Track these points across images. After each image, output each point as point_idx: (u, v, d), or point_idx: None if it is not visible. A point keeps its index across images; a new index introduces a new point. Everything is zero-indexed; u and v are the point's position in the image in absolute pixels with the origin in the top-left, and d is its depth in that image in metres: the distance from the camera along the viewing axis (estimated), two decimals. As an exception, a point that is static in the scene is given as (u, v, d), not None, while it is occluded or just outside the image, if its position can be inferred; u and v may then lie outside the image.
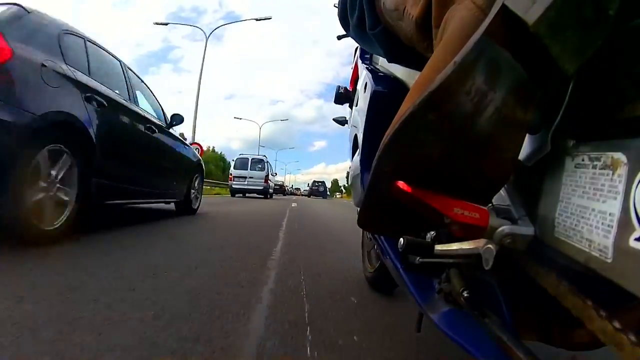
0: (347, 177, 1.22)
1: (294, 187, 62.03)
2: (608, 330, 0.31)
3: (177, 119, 3.39)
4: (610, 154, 0.33)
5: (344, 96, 1.63)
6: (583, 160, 0.37)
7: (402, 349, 0.88)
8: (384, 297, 1.32)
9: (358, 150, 1.12)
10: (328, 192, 39.76)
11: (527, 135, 0.44)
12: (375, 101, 1.03)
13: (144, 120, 2.69)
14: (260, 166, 12.78)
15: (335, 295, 1.28)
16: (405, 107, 0.40)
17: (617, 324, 0.30)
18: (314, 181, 36.65)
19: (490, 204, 0.47)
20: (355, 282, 1.50)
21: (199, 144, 10.23)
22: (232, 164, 13.20)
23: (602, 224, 0.33)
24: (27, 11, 1.73)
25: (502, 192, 0.47)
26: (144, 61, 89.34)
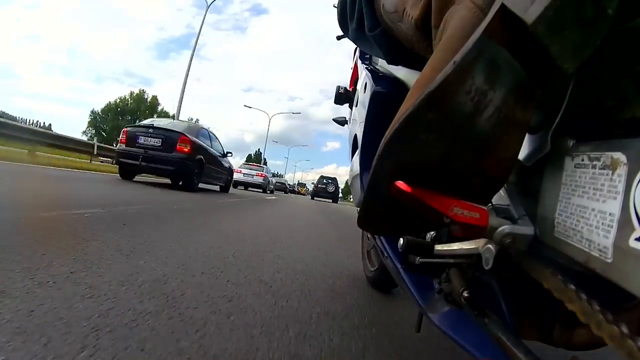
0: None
1: (297, 184, 49.36)
2: (608, 329, 0.30)
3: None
4: (609, 153, 0.33)
5: (344, 96, 1.63)
6: (583, 160, 0.37)
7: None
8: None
9: (358, 150, 1.12)
10: (340, 194, 24.95)
11: (527, 135, 0.44)
12: (375, 101, 1.03)
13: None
14: None
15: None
16: (405, 107, 0.40)
17: (617, 324, 0.30)
18: (322, 177, 21.52)
19: (490, 204, 0.47)
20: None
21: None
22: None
23: (602, 224, 0.32)
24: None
25: (502, 192, 0.47)
26: (165, 46, 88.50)
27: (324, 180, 21.01)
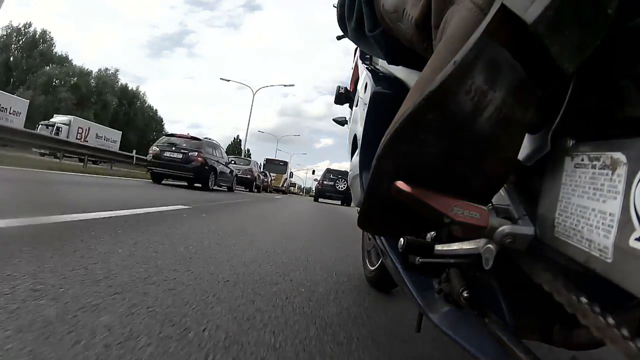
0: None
1: (263, 165, 24.37)
2: (607, 329, 0.30)
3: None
4: (609, 153, 0.33)
5: (344, 96, 1.63)
6: (582, 160, 0.37)
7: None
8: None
9: (357, 151, 1.12)
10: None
11: (527, 134, 0.44)
12: (375, 101, 1.03)
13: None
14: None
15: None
16: (405, 107, 0.40)
17: (616, 324, 0.30)
18: (328, 170, 15.53)
19: (490, 204, 0.47)
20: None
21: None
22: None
23: (602, 224, 0.32)
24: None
25: (502, 192, 0.47)
26: (158, 44, 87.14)
27: (331, 176, 14.70)
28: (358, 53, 1.46)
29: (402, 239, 0.63)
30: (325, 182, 14.94)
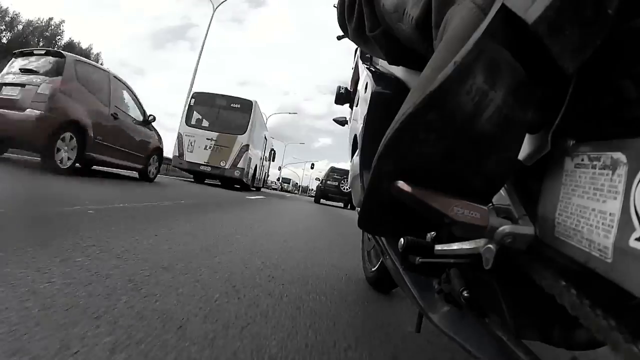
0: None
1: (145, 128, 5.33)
2: (606, 330, 0.31)
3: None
4: (610, 153, 0.33)
5: (345, 96, 1.63)
6: (583, 160, 0.37)
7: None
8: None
9: (358, 151, 1.12)
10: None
11: (527, 134, 0.44)
12: (375, 101, 1.03)
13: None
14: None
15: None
16: (406, 107, 0.40)
17: (616, 324, 0.30)
18: (332, 168, 12.88)
19: (491, 204, 0.47)
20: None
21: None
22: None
23: (602, 224, 0.32)
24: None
25: (502, 192, 0.47)
26: (161, 36, 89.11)
27: (336, 175, 12.71)
28: (358, 53, 1.46)
29: (402, 239, 0.63)
30: (328, 182, 12.80)
